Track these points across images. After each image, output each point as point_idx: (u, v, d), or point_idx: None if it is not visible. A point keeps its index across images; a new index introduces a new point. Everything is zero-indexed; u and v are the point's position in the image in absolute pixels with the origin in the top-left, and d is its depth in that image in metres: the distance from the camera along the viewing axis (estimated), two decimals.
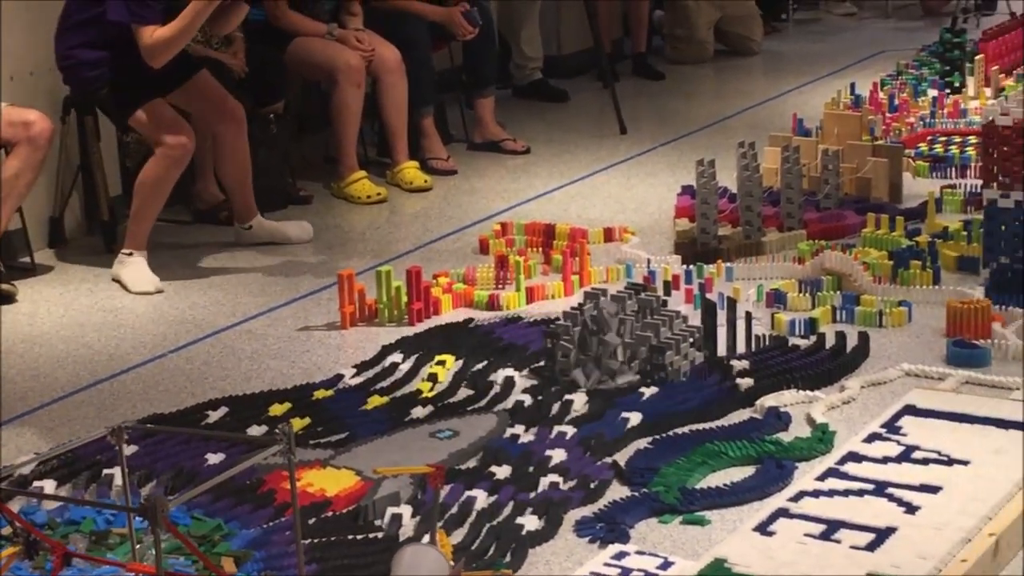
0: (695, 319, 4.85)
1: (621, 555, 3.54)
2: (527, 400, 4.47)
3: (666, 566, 3.48)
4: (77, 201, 6.48)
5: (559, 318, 4.79)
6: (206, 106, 6.15)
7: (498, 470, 3.99)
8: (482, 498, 3.83)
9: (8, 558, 3.51)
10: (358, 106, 6.98)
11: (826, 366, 4.65)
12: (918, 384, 4.54)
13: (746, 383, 4.49)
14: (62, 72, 6.00)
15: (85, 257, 6.25)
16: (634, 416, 4.29)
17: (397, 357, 4.90)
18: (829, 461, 3.99)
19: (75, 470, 4.11)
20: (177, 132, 5.83)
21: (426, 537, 3.53)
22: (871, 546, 3.52)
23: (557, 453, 4.08)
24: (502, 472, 3.98)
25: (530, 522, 3.71)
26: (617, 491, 3.91)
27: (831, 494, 3.78)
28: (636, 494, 3.86)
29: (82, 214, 6.53)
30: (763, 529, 3.62)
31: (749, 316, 4.89)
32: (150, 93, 5.84)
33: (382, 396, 4.59)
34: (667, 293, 5.34)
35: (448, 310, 5.40)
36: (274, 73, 6.88)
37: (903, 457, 3.98)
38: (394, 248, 6.25)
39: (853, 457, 3.99)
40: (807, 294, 5.26)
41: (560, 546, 3.66)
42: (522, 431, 4.25)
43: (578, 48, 9.54)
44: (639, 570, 3.47)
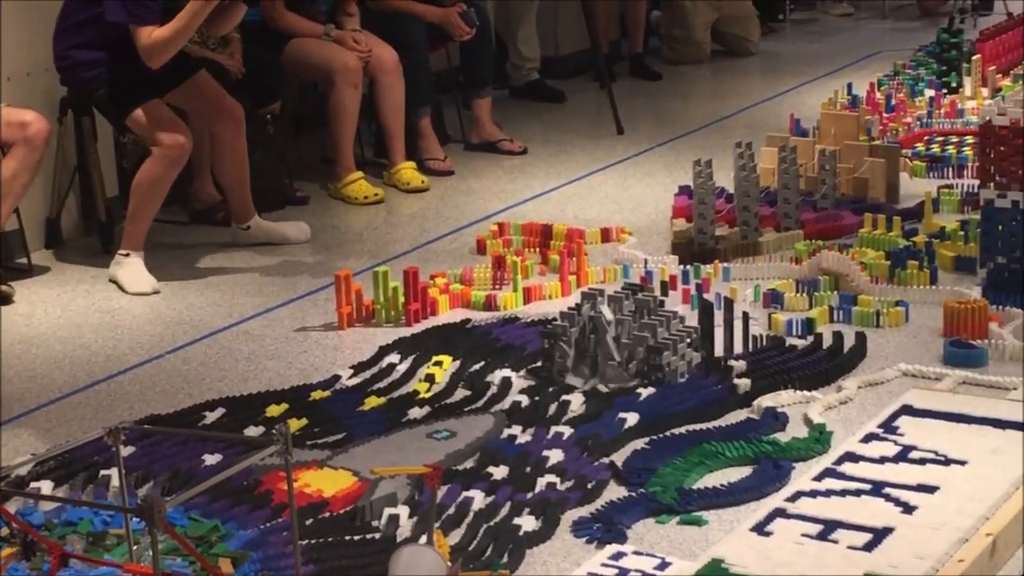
0: (692, 319, 4.85)
1: (618, 555, 3.54)
2: (524, 401, 4.47)
3: (663, 566, 3.48)
4: (74, 202, 6.47)
5: (556, 318, 4.79)
6: (205, 106, 6.15)
7: (495, 471, 3.99)
8: (479, 498, 3.83)
9: (5, 559, 3.51)
10: (355, 107, 6.98)
11: (823, 366, 4.65)
12: (915, 384, 4.54)
13: (743, 383, 4.49)
14: (60, 72, 6.00)
15: (82, 258, 6.24)
16: (631, 416, 4.29)
17: (394, 358, 4.89)
18: (826, 461, 3.99)
19: (72, 471, 4.11)
20: (174, 132, 5.82)
21: (423, 538, 3.53)
22: (868, 546, 3.52)
23: (554, 453, 4.08)
24: (499, 472, 3.98)
25: (527, 522, 3.70)
26: (614, 491, 3.91)
27: (828, 494, 3.78)
28: (633, 494, 3.86)
29: (79, 215, 6.52)
30: (760, 529, 3.62)
31: (746, 316, 4.89)
32: (148, 93, 5.84)
33: (379, 397, 4.59)
34: (664, 293, 5.34)
35: (445, 311, 5.40)
36: (271, 74, 6.88)
37: (900, 457, 3.98)
38: (391, 249, 6.25)
39: (850, 457, 3.99)
40: (804, 294, 5.26)
41: (557, 546, 3.66)
42: (519, 432, 4.25)
43: (575, 49, 9.53)
44: (636, 570, 3.46)
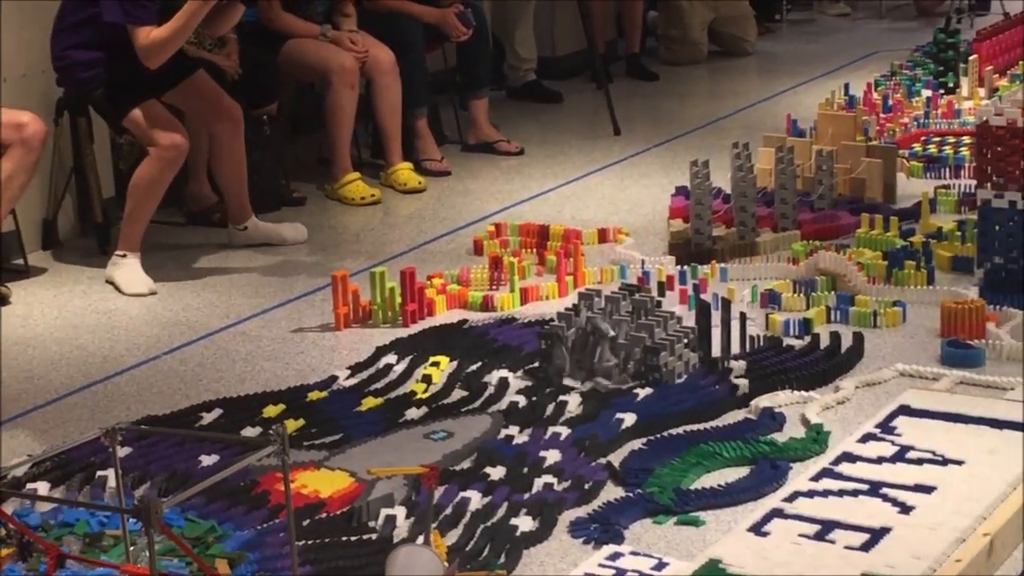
0: (689, 320, 4.84)
1: (616, 556, 3.54)
2: (521, 401, 4.47)
3: (661, 567, 3.48)
4: (70, 203, 6.47)
5: (553, 319, 4.79)
6: (203, 105, 6.15)
7: (492, 471, 3.99)
8: (476, 499, 3.83)
9: (2, 560, 3.50)
10: (352, 107, 6.97)
11: (820, 366, 4.65)
12: (912, 384, 4.54)
13: (740, 384, 4.49)
14: (57, 73, 5.99)
15: (79, 259, 6.24)
16: (628, 417, 4.29)
17: (391, 358, 4.89)
18: (823, 461, 3.99)
19: (69, 472, 4.11)
20: (171, 133, 5.82)
21: (420, 538, 3.53)
22: (866, 546, 3.52)
23: (551, 454, 4.08)
24: (496, 473, 3.98)
25: (524, 523, 3.70)
26: (611, 492, 3.91)
27: (825, 494, 3.78)
28: (630, 495, 3.86)
29: (75, 216, 6.52)
30: (757, 529, 3.62)
31: (743, 317, 4.89)
32: (145, 94, 5.84)
33: (376, 397, 4.59)
34: (661, 294, 5.34)
35: (442, 311, 5.40)
36: (267, 75, 6.87)
37: (897, 457, 3.98)
38: (388, 249, 6.25)
39: (847, 457, 3.99)
40: (801, 294, 5.26)
41: (554, 547, 3.66)
42: (516, 432, 4.25)
43: (572, 49, 9.52)
44: (633, 571, 3.46)
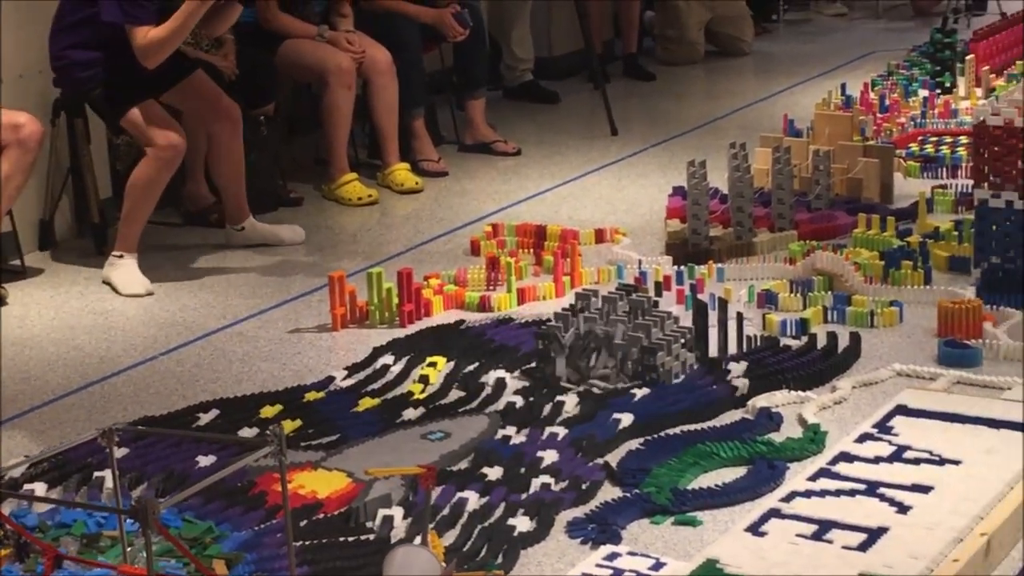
0: (686, 320, 4.84)
1: (613, 556, 3.54)
2: (518, 401, 4.47)
3: (658, 567, 3.48)
4: (67, 204, 6.47)
5: (550, 319, 4.79)
6: (201, 105, 6.14)
7: (490, 471, 3.99)
8: (474, 499, 3.83)
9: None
10: (349, 108, 6.97)
11: (817, 366, 4.65)
12: (909, 384, 4.54)
13: (738, 384, 4.49)
14: (56, 72, 5.99)
15: (75, 259, 6.23)
16: (625, 417, 4.28)
17: (388, 359, 4.89)
18: (821, 461, 3.99)
19: (66, 473, 4.10)
20: (169, 133, 5.82)
21: (418, 538, 3.53)
22: (863, 546, 3.52)
23: (549, 454, 4.08)
24: (494, 473, 3.98)
25: (522, 523, 3.70)
26: (609, 492, 3.91)
27: (823, 494, 3.78)
28: (628, 495, 3.86)
29: (72, 217, 6.51)
30: (755, 530, 3.62)
31: (740, 317, 4.88)
32: (144, 93, 5.84)
33: (373, 398, 4.59)
34: (658, 294, 5.34)
35: (439, 312, 5.39)
36: (264, 75, 6.87)
37: (895, 457, 3.98)
38: (385, 250, 6.25)
39: (845, 457, 3.99)
40: (798, 294, 5.26)
41: (552, 547, 3.66)
42: (514, 432, 4.25)
43: (569, 49, 9.52)
44: (631, 571, 3.46)
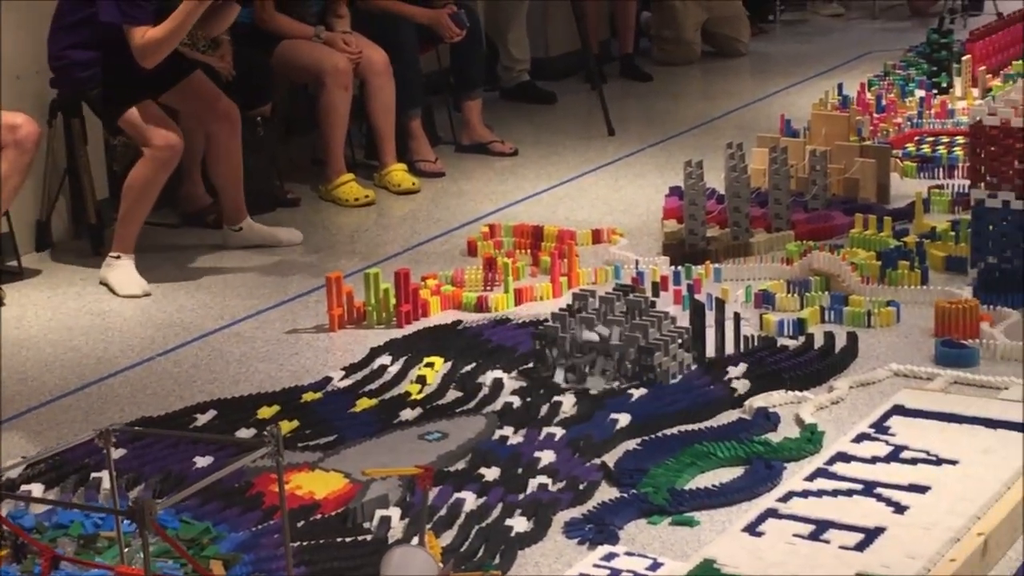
0: (683, 320, 4.84)
1: (610, 556, 3.54)
2: (516, 402, 4.47)
3: (655, 567, 3.48)
4: (64, 204, 6.46)
5: (548, 320, 4.79)
6: (200, 106, 6.14)
7: (487, 472, 3.99)
8: (471, 500, 3.83)
9: None
10: (345, 108, 6.97)
11: (815, 366, 4.65)
12: (907, 384, 4.55)
13: (735, 384, 4.49)
14: (55, 72, 5.99)
15: (72, 260, 6.23)
16: (623, 417, 4.28)
17: (385, 359, 4.89)
18: (818, 461, 3.99)
19: (63, 473, 4.10)
20: (166, 133, 5.82)
21: (415, 539, 3.53)
22: (860, 546, 3.52)
23: (546, 455, 4.08)
24: (491, 474, 3.98)
25: (519, 523, 3.70)
26: (606, 492, 3.91)
27: (820, 494, 3.78)
28: (625, 495, 3.86)
29: (69, 218, 6.51)
30: (752, 530, 3.62)
31: (737, 317, 4.88)
32: (142, 94, 5.84)
33: (371, 398, 4.59)
34: (655, 294, 5.34)
35: (436, 312, 5.39)
36: (261, 76, 6.87)
37: (892, 457, 3.98)
38: (382, 250, 6.25)
39: (842, 457, 3.99)
40: (795, 295, 5.26)
41: (549, 547, 3.66)
42: (511, 433, 4.25)
43: (565, 50, 9.53)
44: (628, 571, 3.46)
